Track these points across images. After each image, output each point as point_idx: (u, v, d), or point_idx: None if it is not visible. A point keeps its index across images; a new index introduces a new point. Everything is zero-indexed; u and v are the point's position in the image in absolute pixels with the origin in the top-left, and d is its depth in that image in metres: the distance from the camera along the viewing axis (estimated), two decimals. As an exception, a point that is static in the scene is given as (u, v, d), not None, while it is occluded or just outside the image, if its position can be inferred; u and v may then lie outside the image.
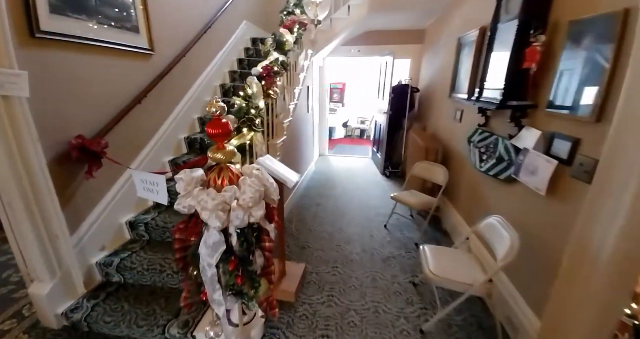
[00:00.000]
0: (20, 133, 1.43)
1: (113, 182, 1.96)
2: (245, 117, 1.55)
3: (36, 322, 1.66)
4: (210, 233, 1.18)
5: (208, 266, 1.22)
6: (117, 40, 1.92)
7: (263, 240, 1.32)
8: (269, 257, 1.35)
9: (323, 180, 4.33)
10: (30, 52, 1.45)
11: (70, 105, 1.66)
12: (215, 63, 3.08)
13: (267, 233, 1.31)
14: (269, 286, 1.41)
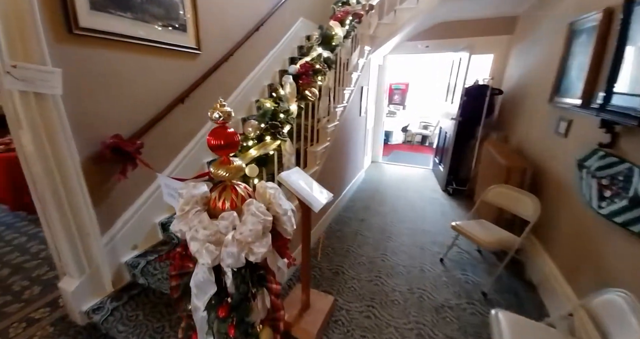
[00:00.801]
0: (53, 131, 1.38)
1: (150, 181, 1.89)
2: (269, 123, 1.26)
3: (65, 315, 1.66)
4: (198, 269, 0.91)
5: (196, 309, 0.96)
6: (163, 39, 1.82)
7: (269, 281, 1.01)
8: (276, 303, 1.04)
9: (372, 191, 3.78)
10: (67, 49, 1.40)
11: (108, 104, 1.60)
12: (266, 62, 2.89)
13: (273, 274, 1.00)
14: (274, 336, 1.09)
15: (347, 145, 3.16)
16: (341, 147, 2.91)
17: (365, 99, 3.59)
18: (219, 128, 0.93)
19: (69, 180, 1.47)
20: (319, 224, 2.58)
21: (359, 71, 3.05)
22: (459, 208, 3.33)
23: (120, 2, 1.58)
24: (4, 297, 1.80)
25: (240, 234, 0.87)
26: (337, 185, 3.00)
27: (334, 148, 2.59)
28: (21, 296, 1.82)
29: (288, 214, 1.00)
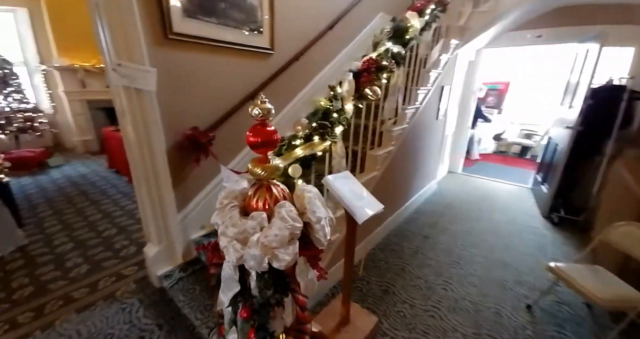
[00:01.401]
0: (147, 122, 1.60)
1: (218, 171, 2.04)
2: (318, 123, 1.17)
3: (146, 276, 1.94)
4: (225, 265, 0.90)
5: (221, 303, 0.95)
6: (240, 41, 1.94)
7: (295, 291, 0.94)
8: (301, 315, 0.95)
9: (443, 206, 3.27)
10: (161, 51, 1.59)
11: (190, 99, 1.78)
12: (338, 60, 2.82)
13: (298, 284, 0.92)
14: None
15: (417, 151, 2.85)
16: (409, 152, 2.63)
17: (445, 101, 3.17)
18: (258, 126, 0.89)
19: (157, 164, 1.69)
20: (374, 233, 2.39)
21: (440, 68, 2.70)
22: (565, 244, 2.58)
23: (208, 9, 1.74)
24: (105, 253, 2.24)
25: (265, 237, 0.82)
26: (399, 193, 2.74)
27: (399, 153, 2.35)
28: (119, 253, 2.23)
29: (321, 223, 0.90)
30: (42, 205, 3.01)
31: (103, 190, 3.42)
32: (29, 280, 1.91)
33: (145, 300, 1.76)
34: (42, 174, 3.94)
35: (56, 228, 2.57)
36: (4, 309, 1.66)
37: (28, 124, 4.23)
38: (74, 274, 1.99)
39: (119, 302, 1.74)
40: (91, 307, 1.71)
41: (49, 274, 1.98)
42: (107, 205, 3.03)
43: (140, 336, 1.52)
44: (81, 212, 2.87)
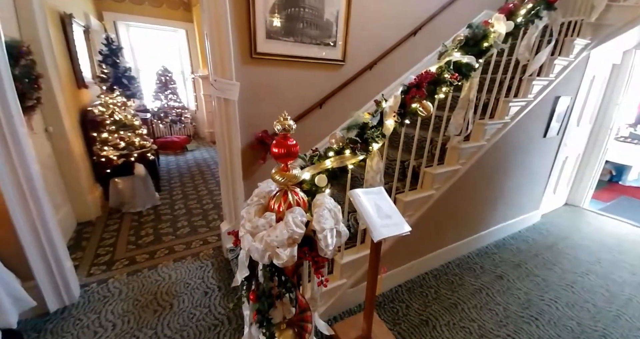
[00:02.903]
0: (230, 124, 1.94)
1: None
2: (348, 138, 1.18)
3: (220, 246, 2.36)
4: (240, 251, 1.04)
5: (236, 281, 1.10)
6: (313, 55, 2.09)
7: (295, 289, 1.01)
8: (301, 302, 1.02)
9: (539, 245, 2.56)
10: (246, 68, 1.90)
11: (263, 107, 2.05)
12: (418, 68, 2.64)
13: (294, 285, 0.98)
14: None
15: (503, 174, 2.35)
16: (488, 174, 2.21)
17: (563, 115, 2.52)
18: (281, 139, 1.00)
19: (233, 158, 2.03)
20: (428, 257, 2.14)
21: (551, 75, 2.18)
22: None
23: (288, 30, 1.95)
24: (201, 221, 2.81)
25: (269, 236, 0.92)
26: (468, 220, 2.32)
27: (471, 174, 2.04)
28: (209, 224, 2.77)
29: (324, 233, 0.94)
30: (175, 178, 4.01)
31: (214, 172, 4.26)
32: (152, 231, 2.62)
33: (215, 264, 2.17)
34: (182, 155, 5.19)
35: (179, 196, 3.39)
36: (129, 249, 2.35)
37: (178, 118, 5.65)
38: (179, 233, 2.61)
39: (200, 261, 2.20)
40: (183, 259, 2.22)
41: (165, 229, 2.66)
42: (212, 184, 3.78)
43: (205, 291, 1.89)
44: (196, 187, 3.68)
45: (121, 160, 2.83)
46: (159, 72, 5.29)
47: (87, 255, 2.23)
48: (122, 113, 2.82)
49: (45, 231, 1.63)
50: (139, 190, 2.98)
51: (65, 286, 1.74)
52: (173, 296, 1.83)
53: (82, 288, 1.87)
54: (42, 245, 1.62)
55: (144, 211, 2.98)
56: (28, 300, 1.48)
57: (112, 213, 2.90)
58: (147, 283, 1.95)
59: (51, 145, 2.35)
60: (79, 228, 2.59)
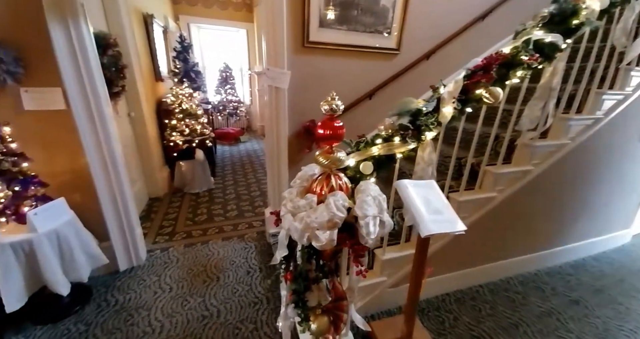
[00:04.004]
0: (279, 112, 1.97)
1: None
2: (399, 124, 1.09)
3: (263, 231, 2.44)
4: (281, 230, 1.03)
5: (274, 259, 1.10)
6: (366, 44, 2.00)
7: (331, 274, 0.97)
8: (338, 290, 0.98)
9: (627, 270, 2.12)
10: (297, 57, 1.89)
11: (312, 96, 2.03)
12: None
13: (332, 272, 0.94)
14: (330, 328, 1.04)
15: (588, 182, 1.94)
16: (568, 180, 1.84)
17: None
18: (327, 120, 0.96)
19: (280, 146, 2.07)
20: (483, 268, 1.90)
21: None
22: None
23: (341, 18, 1.89)
24: (248, 207, 2.95)
25: (309, 217, 0.89)
26: (538, 232, 1.97)
27: (547, 178, 1.73)
28: (255, 210, 2.89)
29: (366, 220, 0.88)
30: (228, 165, 4.29)
31: (262, 162, 4.45)
32: (206, 211, 2.84)
33: (258, 247, 2.25)
34: (235, 145, 5.55)
35: (230, 182, 3.62)
36: (187, 224, 2.57)
37: (234, 111, 6.05)
38: (228, 215, 2.78)
39: (244, 242, 2.31)
40: (230, 239, 2.35)
41: (217, 211, 2.85)
42: (260, 174, 3.95)
43: (248, 270, 1.97)
44: (245, 175, 3.89)
45: (185, 145, 3.12)
46: (221, 68, 5.70)
47: (154, 226, 2.52)
48: (189, 103, 3.10)
49: (122, 199, 1.86)
50: (198, 174, 3.25)
51: (134, 249, 1.98)
52: (220, 271, 1.95)
53: (148, 252, 2.11)
54: (119, 212, 1.86)
55: (201, 193, 3.24)
56: (102, 258, 1.71)
57: (175, 192, 3.22)
58: (200, 255, 2.12)
59: (132, 128, 2.69)
60: (150, 202, 2.93)
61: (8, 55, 1.35)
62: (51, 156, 1.59)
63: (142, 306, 1.64)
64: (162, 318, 1.57)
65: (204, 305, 1.65)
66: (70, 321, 1.53)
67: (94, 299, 1.68)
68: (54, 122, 1.55)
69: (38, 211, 1.41)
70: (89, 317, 1.57)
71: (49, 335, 1.45)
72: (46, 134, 1.56)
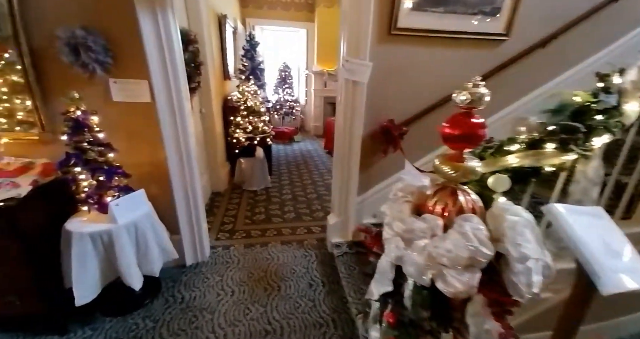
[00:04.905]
0: (354, 110, 1.76)
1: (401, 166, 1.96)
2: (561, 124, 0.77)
3: (324, 238, 2.26)
4: (382, 258, 0.81)
5: (370, 293, 0.88)
6: (465, 28, 1.68)
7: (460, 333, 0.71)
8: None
9: None
10: (381, 47, 1.66)
11: (393, 92, 1.78)
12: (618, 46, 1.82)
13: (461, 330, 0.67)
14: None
15: None
16: None
17: None
18: (461, 115, 0.70)
19: (352, 148, 1.86)
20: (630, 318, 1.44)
21: None
22: None
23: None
24: (305, 210, 2.82)
25: (435, 248, 0.65)
26: None
27: None
28: (313, 214, 2.74)
29: (527, 264, 0.60)
30: (283, 164, 4.26)
31: (316, 163, 4.33)
32: (264, 210, 2.78)
33: (319, 256, 2.08)
34: (289, 145, 5.56)
35: (286, 182, 3.56)
36: (246, 223, 2.53)
37: (290, 110, 6.08)
38: (286, 216, 2.68)
39: (304, 249, 2.16)
40: (289, 244, 2.23)
41: (274, 211, 2.78)
42: (316, 175, 3.82)
43: (310, 282, 1.81)
44: (301, 175, 3.80)
45: (246, 143, 3.12)
46: (281, 67, 5.76)
47: (216, 221, 2.53)
48: (253, 100, 3.10)
49: (193, 193, 1.85)
50: (257, 171, 3.24)
51: (200, 245, 1.97)
52: (280, 279, 1.82)
53: (211, 249, 2.09)
54: (189, 206, 1.86)
55: (258, 191, 3.22)
56: (173, 252, 1.70)
57: (235, 188, 3.26)
58: (259, 259, 2.03)
59: (202, 124, 2.76)
60: (212, 196, 2.99)
61: (97, 43, 1.38)
62: (134, 147, 1.63)
63: (206, 308, 1.59)
64: (225, 325, 1.48)
65: (266, 318, 1.53)
66: (139, 315, 1.54)
67: (162, 294, 1.68)
68: (138, 114, 1.57)
69: (120, 202, 1.42)
70: (157, 313, 1.56)
71: (117, 329, 1.46)
72: (130, 125, 1.60)
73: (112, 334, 1.42)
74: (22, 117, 1.53)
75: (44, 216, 1.39)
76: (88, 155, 1.36)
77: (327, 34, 5.67)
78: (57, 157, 1.37)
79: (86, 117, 1.34)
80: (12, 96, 1.47)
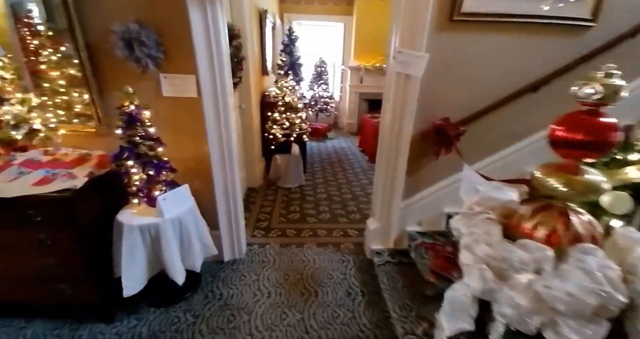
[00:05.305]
0: (405, 106, 1.61)
1: (455, 170, 1.77)
2: None
3: (362, 243, 2.15)
4: (460, 286, 0.68)
5: (440, 326, 0.76)
6: (543, 12, 1.43)
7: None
8: None
9: None
10: (440, 36, 1.49)
11: (450, 87, 1.59)
12: None
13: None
14: None
15: None
16: None
17: None
18: (584, 114, 0.55)
19: (400, 148, 1.71)
20: None
21: None
22: None
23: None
24: (341, 211, 2.72)
25: (546, 288, 0.51)
26: None
27: None
28: (349, 215, 2.63)
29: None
30: (316, 162, 4.20)
31: (351, 162, 4.20)
32: (298, 209, 2.73)
33: (357, 262, 1.97)
34: (322, 142, 5.48)
35: (320, 180, 3.48)
36: (281, 221, 2.50)
37: (324, 107, 5.99)
38: (321, 217, 2.61)
39: (341, 254, 2.07)
40: (325, 246, 2.15)
41: (309, 210, 2.72)
42: (350, 174, 3.70)
43: (348, 291, 1.71)
44: (335, 174, 3.70)
45: (283, 139, 3.09)
46: (317, 63, 5.67)
47: (252, 217, 2.53)
48: (291, 96, 3.05)
49: (233, 189, 1.84)
50: (292, 168, 3.20)
51: (238, 241, 1.97)
52: (317, 284, 1.75)
53: (248, 246, 2.09)
54: (229, 201, 1.85)
55: (293, 188, 3.19)
56: (213, 248, 1.71)
57: (269, 185, 3.26)
58: (295, 260, 1.98)
59: (240, 120, 2.77)
60: (247, 192, 3.02)
61: (150, 38, 1.38)
62: (179, 142, 1.64)
63: (243, 308, 1.57)
64: (262, 328, 1.45)
65: (304, 325, 1.47)
66: (180, 308, 1.56)
67: (202, 289, 1.70)
68: (184, 109, 1.58)
69: (167, 196, 1.44)
70: (197, 307, 1.57)
71: (160, 320, 1.50)
72: (177, 120, 1.61)
73: (155, 327, 1.46)
74: (80, 109, 1.60)
75: (98, 207, 1.45)
76: (139, 149, 1.38)
77: (367, 27, 5.47)
78: (112, 150, 1.41)
79: (139, 111, 1.36)
80: (70, 89, 1.54)
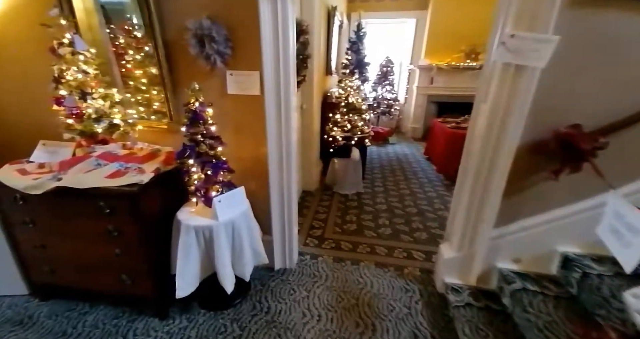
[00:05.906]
0: (510, 108, 1.24)
1: (580, 197, 1.32)
2: None
3: (431, 271, 1.81)
4: None
5: None
6: None
7: None
8: None
9: None
10: (577, 13, 1.08)
11: (587, 83, 1.16)
12: None
13: None
14: None
15: None
16: None
17: None
18: None
19: (497, 161, 1.33)
20: None
21: None
22: None
23: None
24: (404, 227, 2.38)
25: None
26: None
27: None
28: (413, 233, 2.28)
29: None
30: (376, 168, 3.89)
31: (415, 171, 3.78)
32: (355, 219, 2.49)
33: (425, 295, 1.64)
34: (383, 146, 5.13)
35: (380, 189, 3.18)
36: (336, 231, 2.29)
37: (388, 109, 5.61)
38: (381, 231, 2.32)
39: (404, 280, 1.75)
40: (385, 268, 1.86)
41: (367, 222, 2.46)
42: (414, 185, 3.30)
43: (413, 332, 1.41)
44: (397, 183, 3.35)
45: (342, 142, 2.90)
46: (383, 62, 5.34)
47: (305, 223, 2.40)
48: (355, 96, 2.84)
49: (289, 193, 1.71)
50: (350, 174, 2.99)
51: (289, 250, 1.84)
52: (375, 316, 1.49)
53: (299, 256, 1.94)
54: (283, 205, 1.73)
55: (350, 195, 2.96)
56: (263, 256, 1.60)
57: (325, 189, 3.09)
58: (350, 280, 1.75)
59: (301, 120, 2.67)
60: (303, 195, 2.91)
61: (220, 33, 1.32)
62: (238, 141, 1.58)
63: (290, 329, 1.41)
64: (309, 361, 1.26)
65: (359, 368, 1.23)
66: (228, 316, 1.49)
67: (251, 297, 1.61)
68: (246, 107, 1.50)
69: (222, 198, 1.37)
70: (245, 318, 1.48)
71: (208, 326, 1.44)
72: (239, 119, 1.55)
73: (203, 332, 1.40)
74: (157, 107, 1.67)
75: (161, 203, 1.46)
76: (200, 147, 1.34)
77: (444, 20, 4.93)
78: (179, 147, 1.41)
79: (203, 109, 1.32)
80: (150, 87, 1.61)
